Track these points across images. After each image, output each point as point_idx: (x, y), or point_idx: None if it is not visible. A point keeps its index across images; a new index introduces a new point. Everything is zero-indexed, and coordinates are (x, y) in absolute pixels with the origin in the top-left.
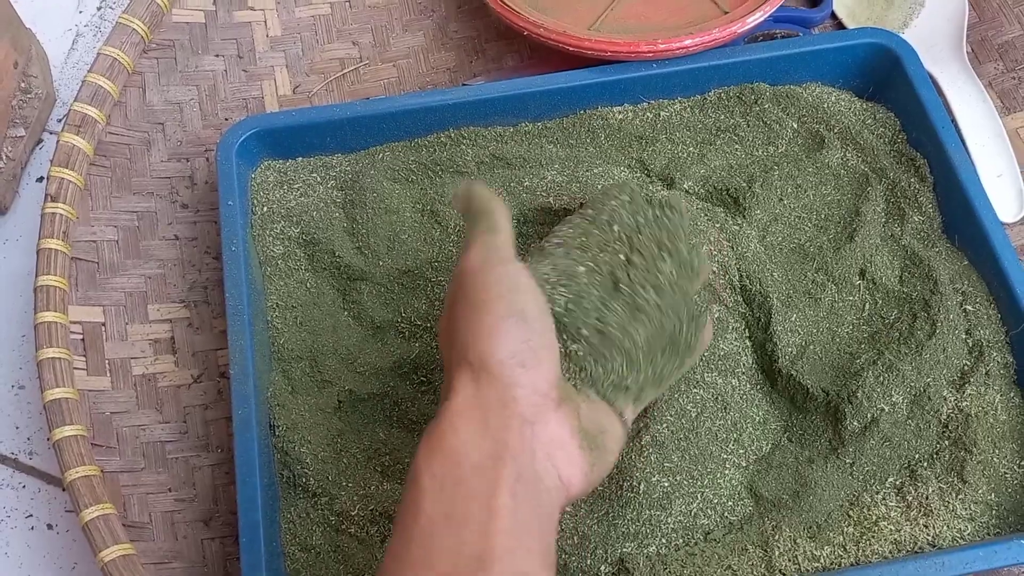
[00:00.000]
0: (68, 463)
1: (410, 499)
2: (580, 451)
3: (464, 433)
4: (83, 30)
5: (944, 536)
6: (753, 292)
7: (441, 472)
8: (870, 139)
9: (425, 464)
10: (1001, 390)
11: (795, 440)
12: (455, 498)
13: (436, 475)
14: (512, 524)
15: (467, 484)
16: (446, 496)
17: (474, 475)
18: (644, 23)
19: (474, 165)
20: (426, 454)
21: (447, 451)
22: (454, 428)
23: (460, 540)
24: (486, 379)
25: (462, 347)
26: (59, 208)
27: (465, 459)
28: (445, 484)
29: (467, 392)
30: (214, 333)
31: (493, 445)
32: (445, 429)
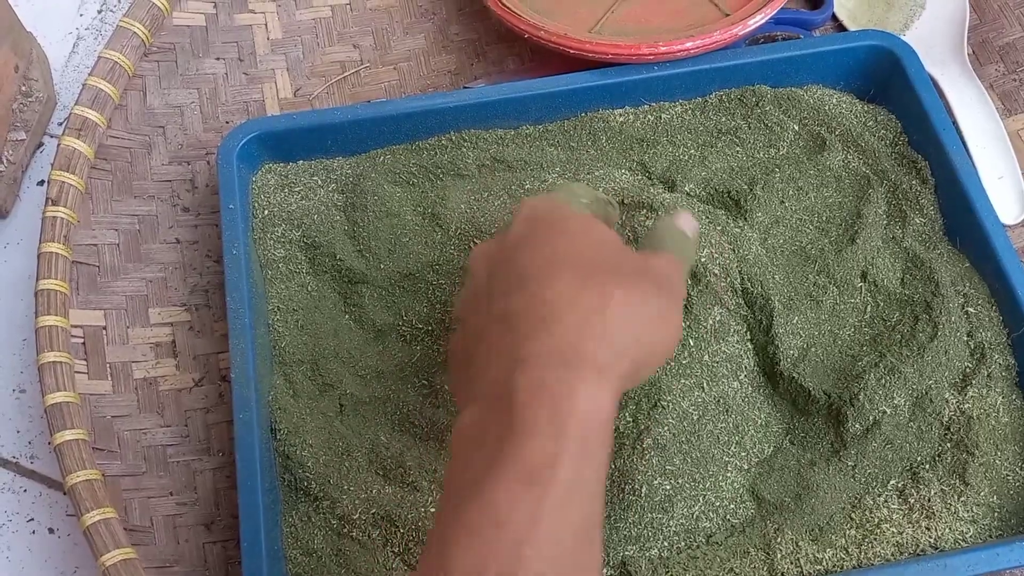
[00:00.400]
0: (69, 467)
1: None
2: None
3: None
4: (84, 33)
5: (946, 538)
6: (754, 295)
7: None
8: (871, 141)
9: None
10: (1003, 392)
11: (797, 442)
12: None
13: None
14: None
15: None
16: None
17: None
18: (645, 26)
19: (475, 168)
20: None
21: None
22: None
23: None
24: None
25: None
26: (60, 212)
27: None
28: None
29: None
30: (215, 337)
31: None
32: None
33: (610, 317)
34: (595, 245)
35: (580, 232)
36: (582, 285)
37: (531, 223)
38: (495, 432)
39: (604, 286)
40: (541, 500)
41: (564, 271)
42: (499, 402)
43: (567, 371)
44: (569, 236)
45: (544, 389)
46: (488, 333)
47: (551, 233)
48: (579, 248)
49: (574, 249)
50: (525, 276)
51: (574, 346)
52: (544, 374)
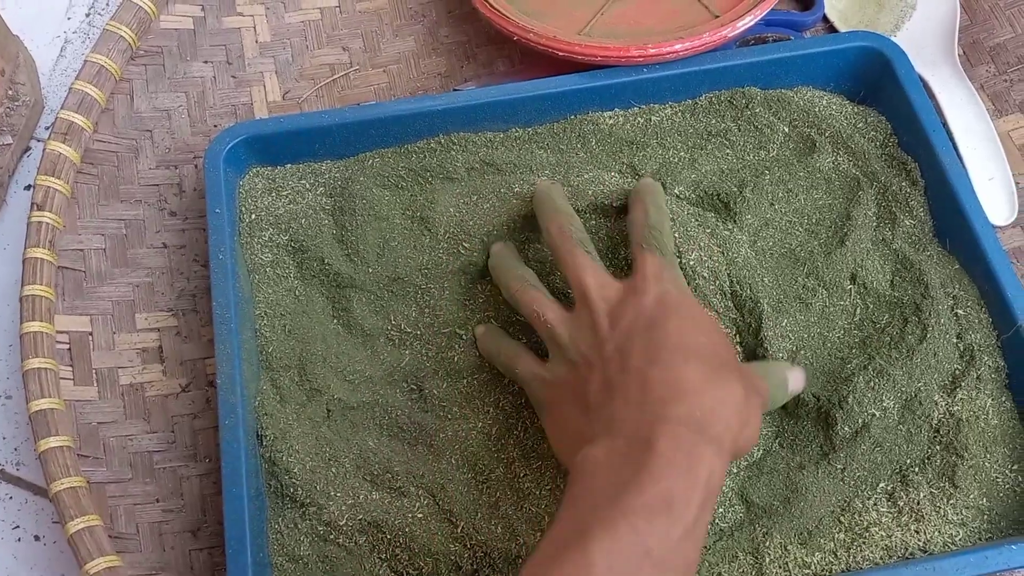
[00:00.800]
0: (53, 474)
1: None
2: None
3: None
4: (72, 37)
5: (935, 541)
6: (744, 297)
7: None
8: (861, 143)
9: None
10: (992, 394)
11: (786, 446)
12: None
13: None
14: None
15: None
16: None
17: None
18: (634, 28)
19: (464, 171)
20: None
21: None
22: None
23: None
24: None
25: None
26: (45, 217)
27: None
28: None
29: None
30: (202, 342)
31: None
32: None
33: (730, 410)
34: (720, 345)
35: (710, 331)
36: (711, 376)
37: (667, 307)
38: (631, 465)
39: (729, 382)
40: (672, 524)
41: (697, 359)
42: (636, 444)
43: (699, 436)
44: (702, 331)
45: (681, 444)
46: (623, 385)
47: (689, 325)
48: (710, 344)
49: (706, 344)
50: (666, 351)
51: (705, 421)
52: (681, 432)
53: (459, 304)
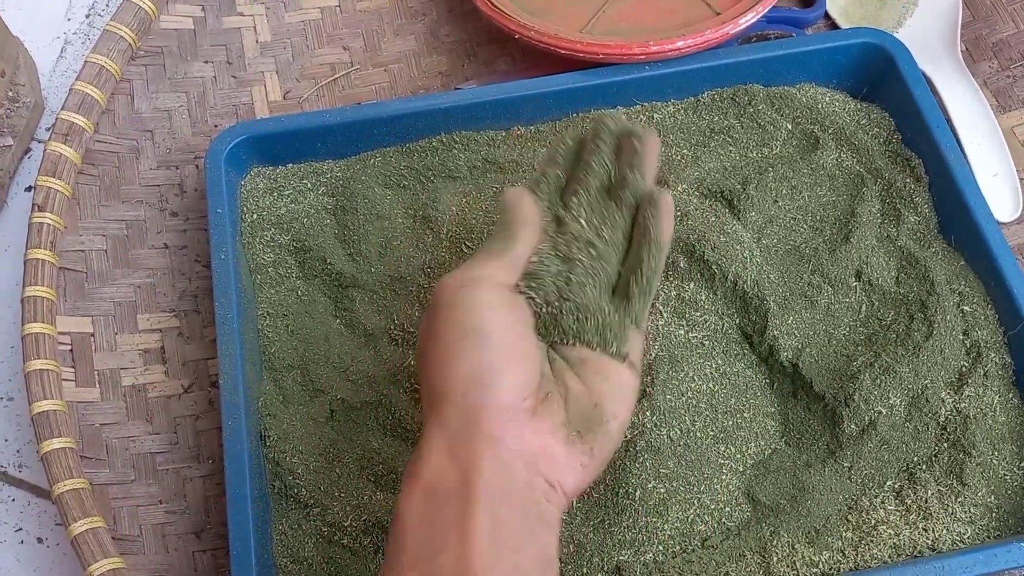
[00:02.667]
0: (56, 476)
1: (394, 535)
2: (567, 447)
3: (434, 463)
4: (72, 38)
5: (943, 539)
6: (750, 295)
7: (419, 505)
8: (865, 139)
9: (405, 500)
10: (999, 391)
11: (792, 444)
12: (432, 528)
13: (414, 509)
14: (491, 544)
15: (442, 512)
16: (424, 528)
17: (447, 503)
18: (636, 25)
19: (466, 170)
20: (406, 491)
21: (421, 484)
22: (425, 460)
23: (439, 568)
24: (448, 406)
25: (426, 378)
26: (46, 218)
27: (438, 488)
28: (423, 516)
29: (433, 422)
30: (205, 342)
31: (461, 471)
32: (417, 462)
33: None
34: (483, 330)
35: (462, 316)
36: (450, 372)
37: (435, 310)
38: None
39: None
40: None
41: (442, 358)
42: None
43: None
44: (451, 321)
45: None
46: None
47: (441, 320)
48: (457, 334)
49: (453, 336)
50: (431, 358)
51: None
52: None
53: None
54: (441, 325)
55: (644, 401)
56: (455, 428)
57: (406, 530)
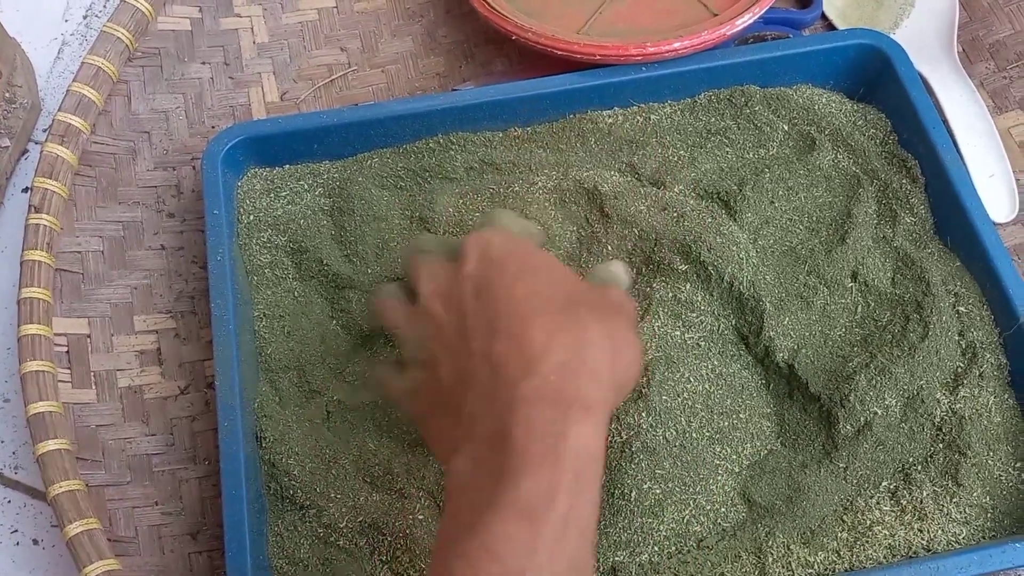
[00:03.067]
0: (52, 478)
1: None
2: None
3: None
4: (69, 39)
5: (939, 540)
6: (746, 296)
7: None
8: (861, 140)
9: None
10: (995, 392)
11: (788, 445)
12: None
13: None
14: None
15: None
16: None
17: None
18: (633, 26)
19: (463, 171)
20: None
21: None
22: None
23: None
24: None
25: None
26: (43, 219)
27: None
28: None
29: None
30: (201, 343)
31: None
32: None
33: (589, 353)
34: (560, 282)
35: (545, 269)
36: (560, 324)
37: (491, 262)
38: (490, 474)
39: (579, 323)
40: (538, 534)
41: (540, 311)
42: (493, 444)
43: (556, 411)
44: (535, 274)
45: (536, 429)
46: (473, 377)
47: (519, 272)
48: (547, 286)
49: (544, 287)
50: (502, 317)
51: (560, 386)
52: (535, 414)
53: None
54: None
55: (640, 402)
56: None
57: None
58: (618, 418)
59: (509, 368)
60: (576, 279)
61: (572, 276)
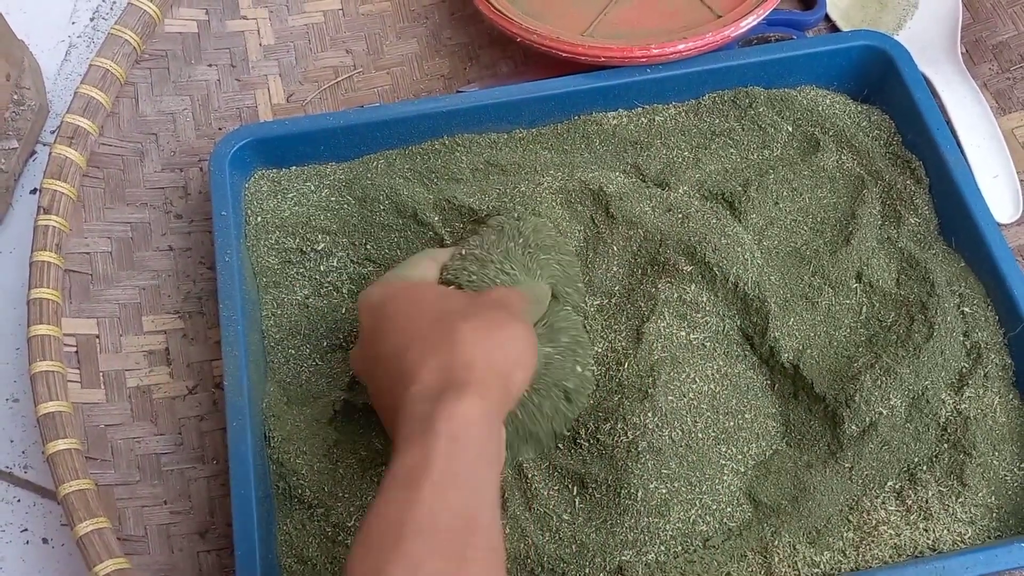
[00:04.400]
0: (62, 477)
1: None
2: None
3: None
4: (76, 41)
5: (944, 540)
6: (751, 296)
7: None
8: (865, 142)
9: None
10: (1000, 392)
11: (794, 445)
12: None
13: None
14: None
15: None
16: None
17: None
18: (637, 28)
19: (469, 172)
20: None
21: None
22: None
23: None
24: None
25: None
26: (52, 220)
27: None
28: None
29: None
30: (209, 344)
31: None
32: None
33: (459, 349)
34: (429, 305)
35: (413, 301)
36: (429, 340)
37: (374, 312)
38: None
39: (447, 331)
40: (415, 493)
41: (411, 335)
42: (396, 438)
43: (428, 403)
44: (409, 305)
45: (412, 420)
46: (388, 410)
47: (392, 313)
48: (416, 313)
49: (413, 315)
50: (389, 350)
51: (435, 384)
52: (411, 410)
53: None
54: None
55: (646, 402)
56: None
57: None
58: (624, 418)
59: (393, 387)
60: (448, 296)
61: (444, 296)
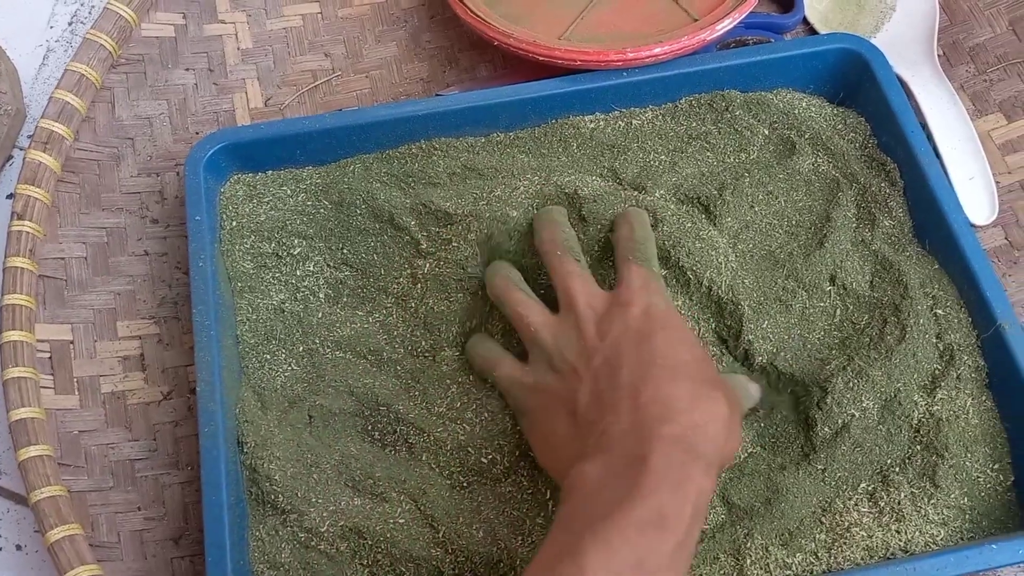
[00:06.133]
0: (33, 483)
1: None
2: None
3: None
4: (54, 46)
5: (916, 541)
6: (725, 300)
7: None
8: (841, 144)
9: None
10: (972, 394)
11: (767, 447)
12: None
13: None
14: None
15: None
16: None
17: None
18: (614, 32)
19: (446, 176)
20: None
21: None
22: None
23: None
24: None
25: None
26: (25, 226)
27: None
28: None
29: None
30: (184, 349)
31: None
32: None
33: (714, 426)
34: (703, 360)
35: (692, 345)
36: (702, 393)
37: (655, 319)
38: (625, 481)
39: (715, 399)
40: (665, 538)
41: (684, 377)
42: (630, 460)
43: (688, 456)
44: (686, 347)
45: (672, 462)
46: (615, 406)
47: (678, 340)
48: (695, 360)
49: (688, 360)
50: (657, 369)
51: (694, 439)
52: (672, 450)
53: (443, 310)
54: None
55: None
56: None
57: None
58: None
59: (653, 411)
60: (711, 363)
61: (709, 359)
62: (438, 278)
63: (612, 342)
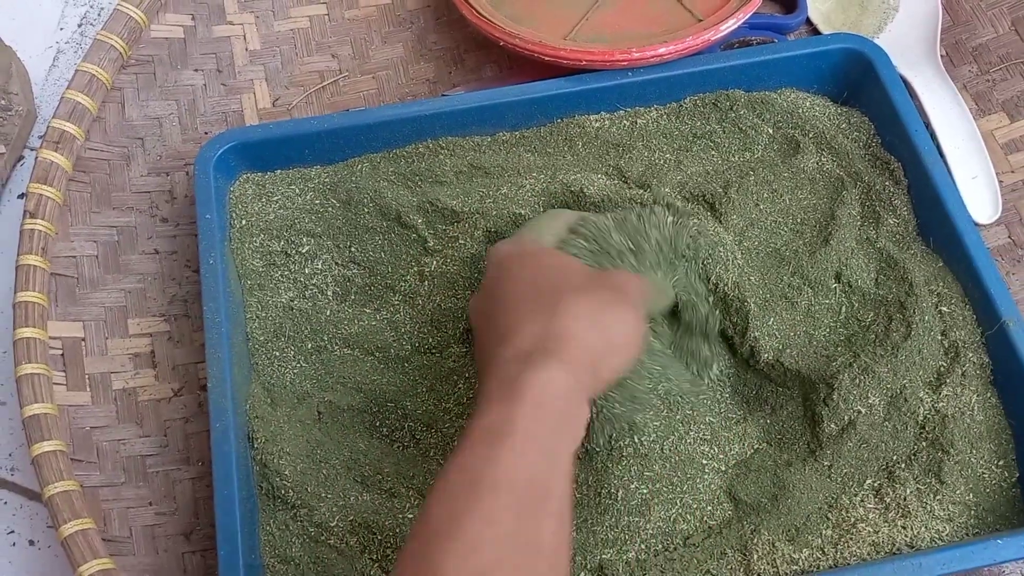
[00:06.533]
0: (47, 479)
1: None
2: None
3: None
4: (64, 47)
5: (922, 537)
6: (731, 297)
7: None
8: (845, 143)
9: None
10: (977, 390)
11: (773, 443)
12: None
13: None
14: None
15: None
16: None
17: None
18: (619, 32)
19: (453, 175)
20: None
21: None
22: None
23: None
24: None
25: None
26: (38, 224)
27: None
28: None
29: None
30: (194, 346)
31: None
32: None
33: (560, 321)
34: (552, 269)
35: (538, 264)
36: (537, 306)
37: (499, 267)
38: (473, 413)
39: (556, 303)
40: (495, 451)
41: (524, 299)
42: (480, 390)
43: (519, 364)
44: (529, 268)
45: (501, 378)
46: (482, 348)
47: (515, 270)
48: (536, 279)
49: (535, 276)
50: (499, 307)
51: (528, 347)
52: (501, 369)
53: (450, 307)
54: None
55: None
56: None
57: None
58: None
59: (492, 341)
60: (568, 269)
61: (564, 267)
62: (445, 275)
63: (483, 316)
